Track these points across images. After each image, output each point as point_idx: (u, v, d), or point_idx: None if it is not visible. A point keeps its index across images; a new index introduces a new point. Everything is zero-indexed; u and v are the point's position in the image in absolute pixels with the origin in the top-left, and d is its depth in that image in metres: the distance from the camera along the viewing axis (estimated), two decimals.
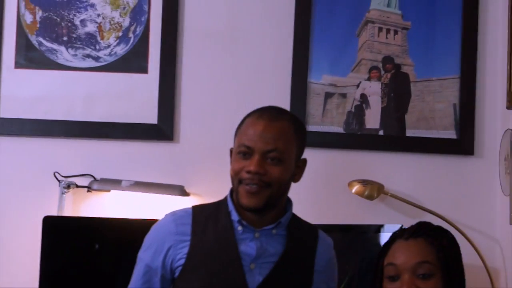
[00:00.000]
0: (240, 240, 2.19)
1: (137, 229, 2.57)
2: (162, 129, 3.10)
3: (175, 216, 2.23)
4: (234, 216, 2.20)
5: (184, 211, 2.25)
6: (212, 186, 2.98)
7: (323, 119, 3.13)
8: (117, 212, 3.02)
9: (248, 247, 2.18)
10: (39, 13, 3.15)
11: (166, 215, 2.25)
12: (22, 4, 3.15)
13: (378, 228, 2.95)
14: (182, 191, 2.99)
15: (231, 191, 2.23)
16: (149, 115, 3.09)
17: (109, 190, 3.02)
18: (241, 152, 2.17)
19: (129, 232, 2.87)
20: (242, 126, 2.22)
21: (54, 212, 2.97)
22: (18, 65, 3.14)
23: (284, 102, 3.06)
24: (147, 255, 2.22)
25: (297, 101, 3.10)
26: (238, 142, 2.20)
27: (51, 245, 2.86)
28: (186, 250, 2.17)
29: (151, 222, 2.36)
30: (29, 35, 3.14)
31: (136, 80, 3.12)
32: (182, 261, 2.17)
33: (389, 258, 2.04)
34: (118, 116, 3.11)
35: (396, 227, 2.52)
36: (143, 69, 3.12)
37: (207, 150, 3.09)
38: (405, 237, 2.05)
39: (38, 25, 3.14)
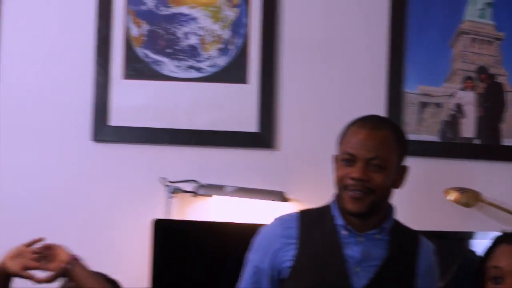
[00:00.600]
0: (345, 244, 2.31)
1: (239, 233, 2.73)
2: (263, 137, 3.25)
3: (281, 220, 2.37)
4: (339, 221, 2.33)
5: (290, 215, 2.39)
6: (311, 192, 3.12)
7: (418, 128, 3.23)
8: (220, 216, 3.17)
9: (352, 250, 2.31)
10: (145, 27, 3.33)
11: (274, 220, 2.39)
12: (129, 19, 3.33)
13: (475, 235, 3.03)
14: (282, 197, 3.13)
15: (336, 196, 2.35)
16: (250, 124, 3.25)
17: (212, 195, 3.16)
18: (345, 160, 2.30)
19: (232, 236, 3.02)
20: (345, 134, 2.34)
21: (161, 216, 3.16)
22: (126, 76, 3.31)
23: (378, 110, 3.17)
24: (256, 257, 2.37)
25: (393, 110, 3.22)
26: (342, 149, 2.32)
27: (161, 246, 3.05)
28: (292, 252, 2.31)
29: (253, 226, 2.52)
30: (136, 48, 3.32)
31: (236, 90, 3.28)
32: (289, 263, 2.31)
33: (493, 261, 2.14)
34: (221, 125, 3.28)
35: (493, 234, 2.60)
36: (243, 79, 3.28)
37: (306, 157, 3.23)
38: (509, 242, 2.14)
39: (144, 38, 3.32)
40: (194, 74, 3.33)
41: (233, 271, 2.56)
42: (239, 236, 2.67)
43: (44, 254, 2.42)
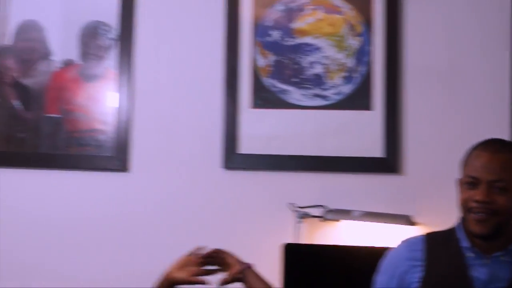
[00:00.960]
0: (471, 266, 2.36)
1: (367, 256, 2.80)
2: (389, 162, 3.31)
3: (407, 243, 2.44)
4: (465, 243, 2.38)
5: (416, 238, 2.46)
6: (437, 216, 3.17)
7: None
8: (347, 240, 3.25)
9: (479, 272, 2.35)
10: (271, 57, 3.47)
11: (400, 242, 2.45)
12: (256, 50, 3.47)
13: None
14: (408, 221, 3.19)
15: (461, 219, 2.40)
16: (376, 149, 3.33)
17: (340, 220, 3.25)
18: (468, 183, 2.35)
19: (360, 259, 3.09)
20: (468, 158, 2.39)
21: (290, 240, 3.27)
22: (254, 105, 3.45)
23: (502, 134, 3.19)
24: (383, 279, 2.44)
25: None
26: (465, 173, 2.37)
27: (291, 269, 3.17)
28: (419, 274, 2.38)
29: (380, 250, 2.60)
30: (263, 78, 3.46)
31: (362, 116, 3.37)
32: (415, 285, 2.38)
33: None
34: (347, 151, 3.38)
35: None
36: (368, 106, 3.37)
37: (431, 180, 3.29)
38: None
39: (270, 68, 3.46)
40: (319, 102, 3.43)
41: None
42: (367, 259, 2.76)
43: (211, 260, 2.60)
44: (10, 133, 3.71)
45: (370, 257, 2.70)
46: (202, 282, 2.59)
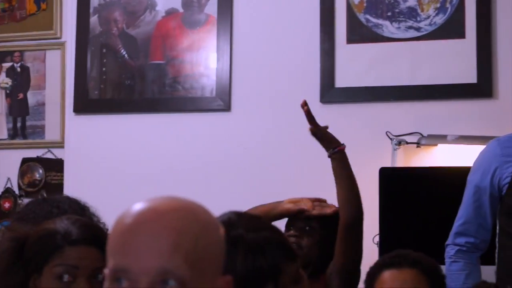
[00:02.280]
0: None
1: (462, 176, 2.92)
2: (482, 88, 3.44)
3: (499, 141, 2.61)
4: None
5: (508, 136, 2.59)
6: None
7: None
8: (444, 163, 3.39)
9: None
10: None
11: (491, 141, 2.59)
12: None
13: None
14: None
15: None
16: (469, 75, 3.45)
17: (436, 145, 3.39)
18: None
19: (455, 179, 3.21)
20: None
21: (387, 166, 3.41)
22: (349, 40, 3.63)
23: None
24: (476, 177, 2.59)
25: None
26: None
27: (388, 193, 3.34)
28: (511, 169, 2.49)
29: None
30: (357, 13, 3.62)
31: (455, 45, 3.51)
32: (508, 179, 2.53)
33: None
34: (440, 79, 3.56)
35: None
36: (461, 35, 3.48)
37: None
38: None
39: (365, 4, 3.63)
40: (413, 33, 3.59)
41: (457, 212, 2.76)
42: (463, 179, 2.85)
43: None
44: (118, 81, 3.99)
45: (465, 176, 2.80)
46: (304, 210, 2.71)
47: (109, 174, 3.95)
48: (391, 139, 3.50)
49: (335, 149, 2.70)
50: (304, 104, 2.70)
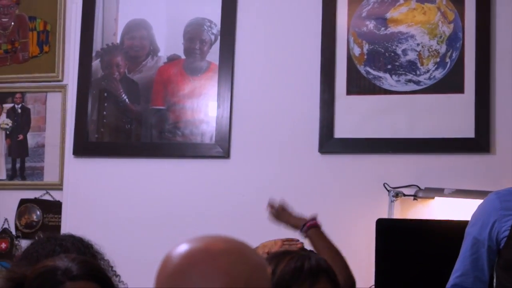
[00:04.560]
0: None
1: (458, 230, 2.94)
2: (479, 142, 3.47)
3: (499, 194, 2.64)
4: None
5: (507, 190, 2.62)
6: None
7: None
8: (440, 217, 3.42)
9: None
10: (366, 46, 3.69)
11: (490, 195, 2.62)
12: (351, 40, 3.69)
13: None
14: None
15: None
16: (467, 130, 3.50)
17: (433, 197, 3.41)
18: None
19: (452, 232, 3.23)
20: None
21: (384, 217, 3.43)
22: (349, 92, 3.69)
23: None
24: (475, 229, 2.62)
25: None
26: None
27: (384, 244, 3.36)
28: (510, 223, 2.51)
29: None
30: (358, 66, 3.67)
31: (453, 100, 3.56)
32: (506, 233, 2.54)
33: None
34: (438, 132, 3.62)
35: None
36: (460, 90, 3.53)
37: None
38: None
39: (365, 57, 3.68)
40: (413, 87, 3.63)
41: (453, 265, 2.77)
42: (459, 232, 2.87)
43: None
44: (118, 125, 4.01)
45: (462, 230, 2.82)
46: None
47: (107, 217, 3.97)
48: (388, 190, 3.53)
49: (304, 226, 2.74)
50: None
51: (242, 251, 1.35)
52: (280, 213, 2.82)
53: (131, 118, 4.03)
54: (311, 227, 2.78)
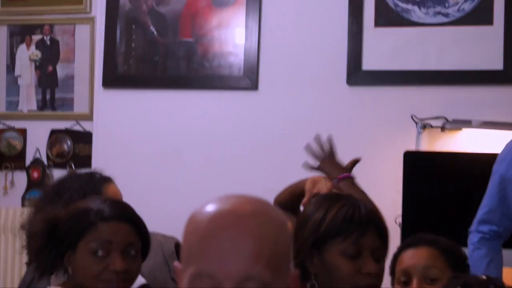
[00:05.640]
0: None
1: (485, 162, 2.97)
2: (508, 74, 3.50)
3: None
4: None
5: None
6: None
7: None
8: (467, 149, 3.45)
9: None
10: None
11: None
12: None
13: None
14: None
15: None
16: (495, 62, 3.51)
17: (461, 129, 3.44)
18: None
19: (478, 165, 3.27)
20: None
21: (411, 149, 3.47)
22: (377, 24, 3.68)
23: None
24: (502, 167, 2.66)
25: None
26: None
27: (411, 176, 3.41)
28: None
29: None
30: None
31: (482, 32, 3.56)
32: None
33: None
34: (467, 64, 3.60)
35: None
36: (489, 21, 3.52)
37: None
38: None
39: None
40: (441, 19, 3.61)
41: (479, 198, 2.81)
42: (486, 165, 2.90)
43: None
44: (147, 57, 4.03)
45: (489, 163, 2.85)
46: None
47: (136, 147, 4.01)
48: (416, 122, 3.55)
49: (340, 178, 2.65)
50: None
51: (268, 212, 1.39)
52: (326, 158, 2.74)
53: (159, 50, 4.04)
54: (345, 179, 2.71)
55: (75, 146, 4.32)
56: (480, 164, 3.24)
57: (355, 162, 2.71)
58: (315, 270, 2.09)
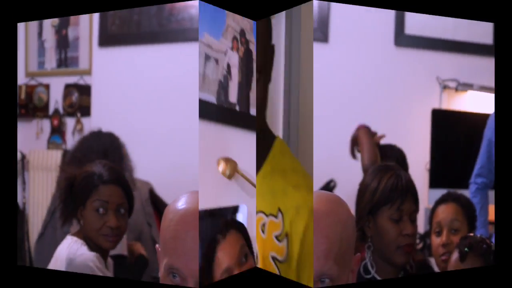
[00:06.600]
0: None
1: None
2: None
3: None
4: None
5: None
6: None
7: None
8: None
9: None
10: None
11: None
12: None
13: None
14: None
15: None
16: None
17: (466, 91, 3.75)
18: None
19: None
20: None
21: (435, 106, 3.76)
22: None
23: None
24: (489, 132, 3.30)
25: None
26: None
27: (438, 130, 3.65)
28: None
29: None
30: None
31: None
32: None
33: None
34: (478, 38, 3.78)
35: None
36: None
37: None
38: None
39: None
40: None
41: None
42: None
43: None
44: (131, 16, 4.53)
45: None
46: None
47: (129, 98, 4.40)
48: (439, 83, 3.73)
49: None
50: None
51: (336, 212, 1.50)
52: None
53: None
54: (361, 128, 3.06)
55: (80, 97, 4.85)
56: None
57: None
58: (371, 233, 2.58)
